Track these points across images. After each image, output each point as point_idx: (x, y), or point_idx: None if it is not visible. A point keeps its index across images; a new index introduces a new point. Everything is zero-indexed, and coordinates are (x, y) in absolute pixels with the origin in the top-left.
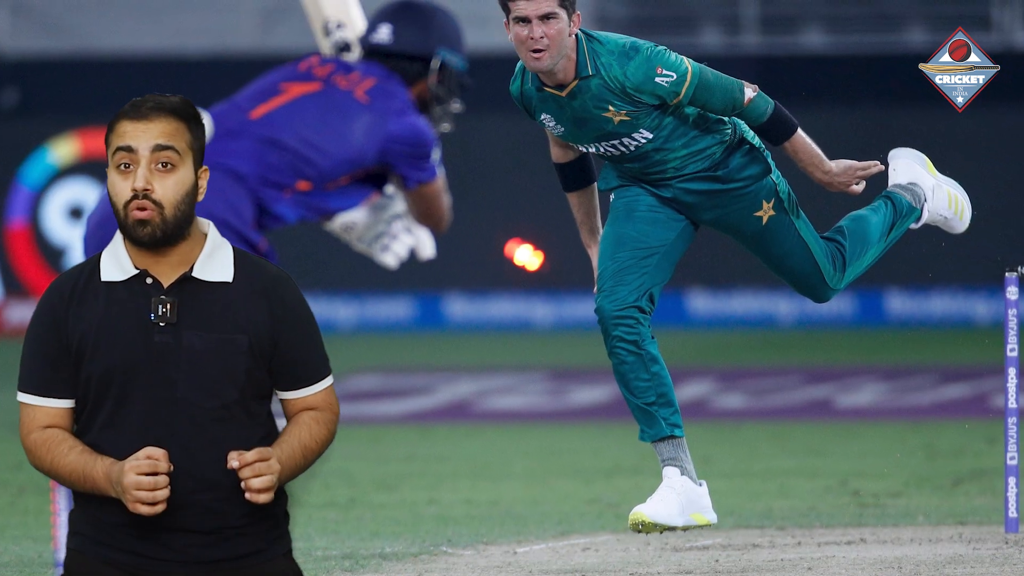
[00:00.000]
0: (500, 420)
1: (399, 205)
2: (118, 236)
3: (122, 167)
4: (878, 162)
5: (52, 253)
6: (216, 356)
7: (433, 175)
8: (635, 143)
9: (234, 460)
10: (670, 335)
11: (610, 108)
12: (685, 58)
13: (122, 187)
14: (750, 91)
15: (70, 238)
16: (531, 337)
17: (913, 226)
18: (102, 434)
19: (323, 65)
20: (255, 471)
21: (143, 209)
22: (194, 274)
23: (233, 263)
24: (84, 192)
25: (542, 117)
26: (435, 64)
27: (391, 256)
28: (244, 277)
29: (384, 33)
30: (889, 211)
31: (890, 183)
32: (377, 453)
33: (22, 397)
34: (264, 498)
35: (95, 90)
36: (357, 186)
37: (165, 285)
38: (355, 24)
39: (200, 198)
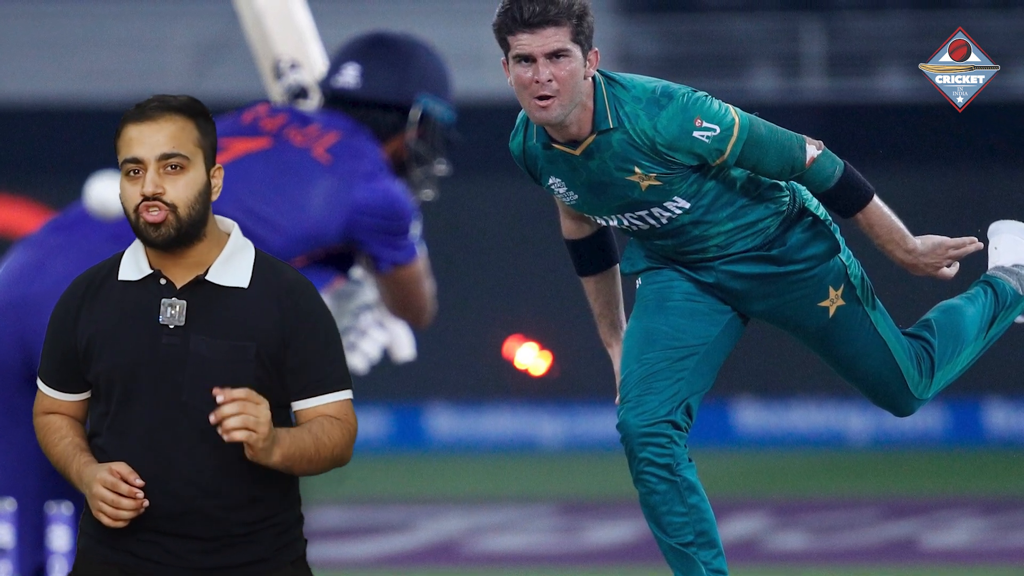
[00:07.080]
0: (497, 564)
1: (369, 293)
2: None
3: (131, 174)
4: (975, 238)
5: None
6: (223, 363)
7: (412, 255)
8: (668, 214)
9: (220, 394)
10: (713, 457)
11: (636, 170)
12: (731, 107)
13: (131, 192)
14: (813, 148)
15: None
16: (536, 460)
17: (1019, 320)
18: (109, 436)
19: (273, 116)
20: (238, 408)
21: (156, 210)
22: (208, 278)
23: (252, 268)
24: None
25: (550, 181)
26: (415, 115)
27: (359, 357)
28: (261, 283)
29: (350, 75)
30: (989, 301)
31: (990, 265)
32: None
33: (39, 380)
34: (239, 436)
35: None
36: (316, 269)
37: (178, 287)
38: (313, 64)
39: (215, 197)
